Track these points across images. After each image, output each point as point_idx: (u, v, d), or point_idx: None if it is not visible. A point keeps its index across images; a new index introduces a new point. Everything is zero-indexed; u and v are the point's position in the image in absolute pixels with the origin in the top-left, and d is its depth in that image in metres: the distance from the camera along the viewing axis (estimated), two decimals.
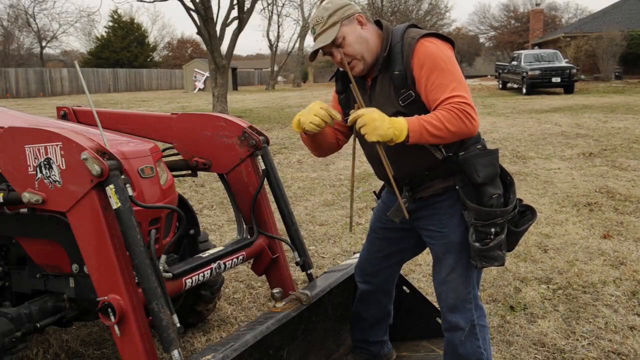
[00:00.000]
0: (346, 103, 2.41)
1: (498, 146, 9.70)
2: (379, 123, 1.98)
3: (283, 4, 43.61)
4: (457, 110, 2.00)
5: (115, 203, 1.94)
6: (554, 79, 22.89)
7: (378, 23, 2.27)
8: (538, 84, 23.21)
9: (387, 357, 2.79)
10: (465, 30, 64.58)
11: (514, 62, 25.86)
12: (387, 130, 1.98)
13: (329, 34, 2.16)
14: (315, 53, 2.26)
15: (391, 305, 2.72)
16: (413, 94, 2.13)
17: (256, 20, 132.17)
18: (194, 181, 7.44)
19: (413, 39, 2.13)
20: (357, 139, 2.25)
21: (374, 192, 2.65)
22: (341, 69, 2.38)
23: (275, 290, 2.41)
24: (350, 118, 2.07)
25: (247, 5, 17.16)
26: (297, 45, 45.85)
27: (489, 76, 45.60)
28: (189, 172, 2.94)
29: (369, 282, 2.62)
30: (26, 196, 2.08)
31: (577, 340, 3.07)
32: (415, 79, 2.12)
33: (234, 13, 16.83)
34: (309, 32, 2.26)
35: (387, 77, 2.19)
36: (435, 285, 2.36)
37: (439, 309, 2.41)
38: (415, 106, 2.14)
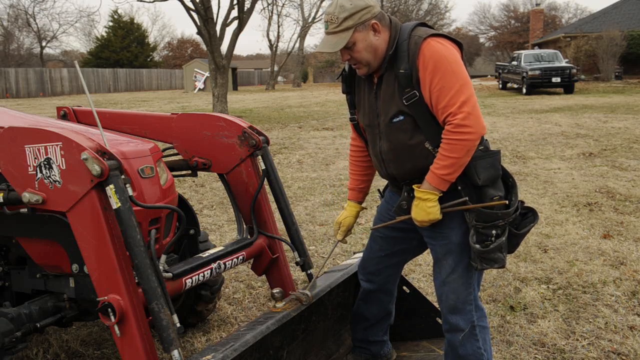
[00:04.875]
0: (352, 103, 2.43)
1: (498, 146, 9.70)
2: (421, 218, 2.19)
3: (283, 4, 43.41)
4: (453, 134, 2.06)
5: (115, 203, 1.94)
6: (554, 79, 22.90)
7: (389, 21, 2.24)
8: (538, 84, 23.22)
9: (387, 357, 2.79)
10: (465, 30, 64.68)
11: (514, 62, 25.86)
12: (430, 212, 2.16)
13: (340, 39, 2.13)
14: None
15: (392, 305, 2.72)
16: (417, 94, 2.13)
17: (256, 20, 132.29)
18: (194, 181, 7.44)
19: (420, 38, 2.12)
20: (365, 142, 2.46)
21: (378, 190, 2.65)
22: (346, 70, 2.40)
23: (275, 290, 2.41)
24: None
25: (247, 5, 17.16)
26: (297, 45, 45.85)
27: (489, 76, 45.62)
28: (189, 172, 2.94)
29: (372, 281, 2.62)
30: (26, 196, 2.08)
31: (577, 340, 3.07)
32: (420, 79, 2.11)
33: (234, 13, 16.84)
34: (322, 24, 2.23)
35: (393, 74, 2.18)
36: (436, 286, 2.36)
37: (440, 309, 2.41)
38: (419, 106, 2.14)
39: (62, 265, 2.37)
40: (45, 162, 2.05)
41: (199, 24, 15.79)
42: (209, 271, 2.46)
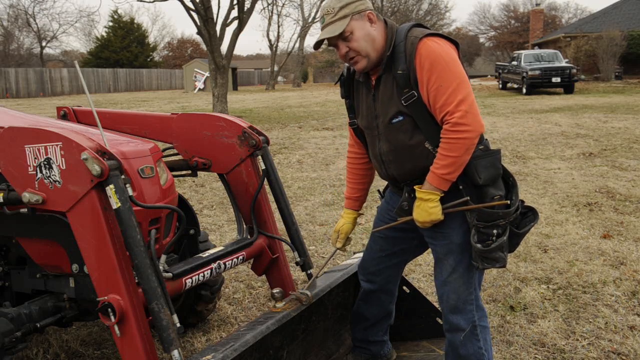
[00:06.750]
0: (352, 107, 2.43)
1: (498, 146, 9.70)
2: (423, 218, 2.18)
3: (283, 4, 43.51)
4: (451, 132, 2.07)
5: (115, 203, 1.94)
6: (554, 79, 22.90)
7: (384, 22, 2.27)
8: (538, 84, 23.23)
9: (387, 357, 2.79)
10: (465, 30, 64.68)
11: (514, 62, 25.87)
12: (431, 213, 2.16)
13: (338, 26, 2.15)
14: (320, 42, 2.26)
15: (393, 305, 2.72)
16: (416, 94, 2.13)
17: (256, 20, 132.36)
18: (194, 181, 7.44)
19: (416, 38, 2.13)
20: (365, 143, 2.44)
21: (378, 190, 2.65)
22: (344, 74, 2.41)
23: (275, 290, 2.41)
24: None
25: (247, 5, 17.16)
26: (297, 45, 45.86)
27: (489, 76, 45.65)
28: (189, 172, 2.94)
29: (372, 281, 2.62)
30: (26, 196, 2.08)
31: (577, 340, 3.07)
32: (417, 79, 2.12)
33: (234, 13, 16.85)
34: (319, 21, 2.25)
35: (391, 76, 2.19)
36: (437, 286, 2.35)
37: (440, 309, 2.41)
38: (417, 106, 2.14)
39: (62, 265, 2.37)
40: (45, 162, 2.05)
41: (199, 24, 15.79)
42: (209, 271, 2.46)
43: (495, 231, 2.14)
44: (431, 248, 2.37)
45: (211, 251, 2.58)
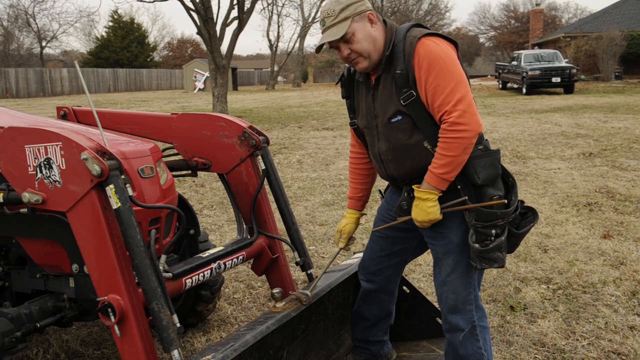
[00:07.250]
0: (352, 107, 2.44)
1: (498, 146, 9.71)
2: (422, 218, 2.18)
3: (283, 4, 43.60)
4: (448, 132, 2.07)
5: (115, 203, 1.94)
6: (554, 79, 22.90)
7: (383, 22, 2.28)
8: (538, 84, 23.23)
9: (387, 357, 2.79)
10: (465, 30, 64.68)
11: (514, 62, 25.87)
12: (429, 212, 2.16)
13: (339, 29, 2.16)
14: (321, 46, 2.26)
15: (393, 305, 2.72)
16: (414, 94, 2.14)
17: (256, 20, 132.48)
18: (194, 181, 7.44)
19: (415, 38, 2.14)
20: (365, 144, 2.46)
21: (379, 190, 2.66)
22: (345, 75, 2.41)
23: (275, 290, 2.41)
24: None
25: (247, 5, 17.18)
26: (297, 45, 45.88)
27: (489, 76, 45.67)
28: (189, 172, 2.94)
29: (372, 281, 2.62)
30: (26, 196, 2.08)
31: (577, 340, 3.07)
32: (415, 78, 2.13)
33: (234, 13, 16.87)
34: (319, 24, 2.25)
35: (390, 76, 2.20)
36: (436, 286, 2.36)
37: (440, 309, 2.41)
38: (416, 106, 2.15)
39: (62, 265, 2.36)
40: (45, 162, 2.05)
41: (199, 24, 15.80)
42: (209, 271, 2.46)
43: (493, 231, 2.14)
44: (430, 248, 2.37)
45: (211, 251, 2.58)
